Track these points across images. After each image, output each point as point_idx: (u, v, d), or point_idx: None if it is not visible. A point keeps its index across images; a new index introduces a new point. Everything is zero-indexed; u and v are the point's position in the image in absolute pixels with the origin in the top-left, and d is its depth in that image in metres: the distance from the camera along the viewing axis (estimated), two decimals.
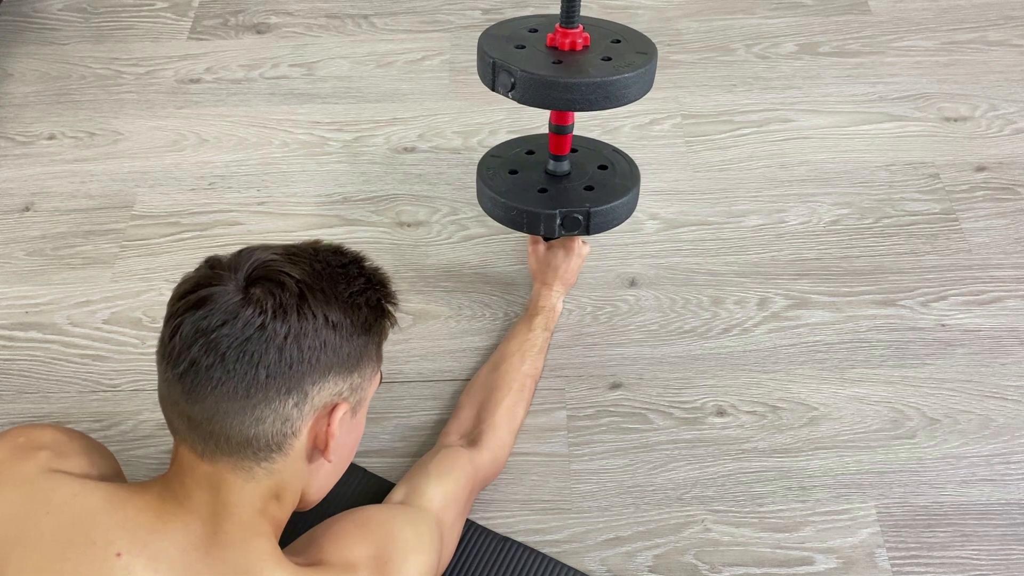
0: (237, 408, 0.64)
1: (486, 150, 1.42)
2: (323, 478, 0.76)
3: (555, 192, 1.05)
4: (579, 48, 0.93)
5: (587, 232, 1.04)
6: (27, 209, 1.34)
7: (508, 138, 1.41)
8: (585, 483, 1.04)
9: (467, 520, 1.00)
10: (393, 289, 0.78)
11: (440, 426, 1.09)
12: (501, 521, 1.01)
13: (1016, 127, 1.39)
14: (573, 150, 1.11)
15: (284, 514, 0.73)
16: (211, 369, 0.63)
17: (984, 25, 1.54)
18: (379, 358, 0.78)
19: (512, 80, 0.89)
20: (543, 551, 0.98)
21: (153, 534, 0.65)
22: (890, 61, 1.50)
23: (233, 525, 0.67)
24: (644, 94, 0.94)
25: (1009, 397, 1.10)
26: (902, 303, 1.19)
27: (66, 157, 1.41)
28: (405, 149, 1.41)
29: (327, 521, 0.78)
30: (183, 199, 1.34)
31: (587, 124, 1.42)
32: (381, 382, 0.80)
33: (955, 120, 1.41)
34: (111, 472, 0.77)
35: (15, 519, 0.65)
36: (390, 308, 0.77)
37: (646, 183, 1.34)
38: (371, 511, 0.81)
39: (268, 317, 0.64)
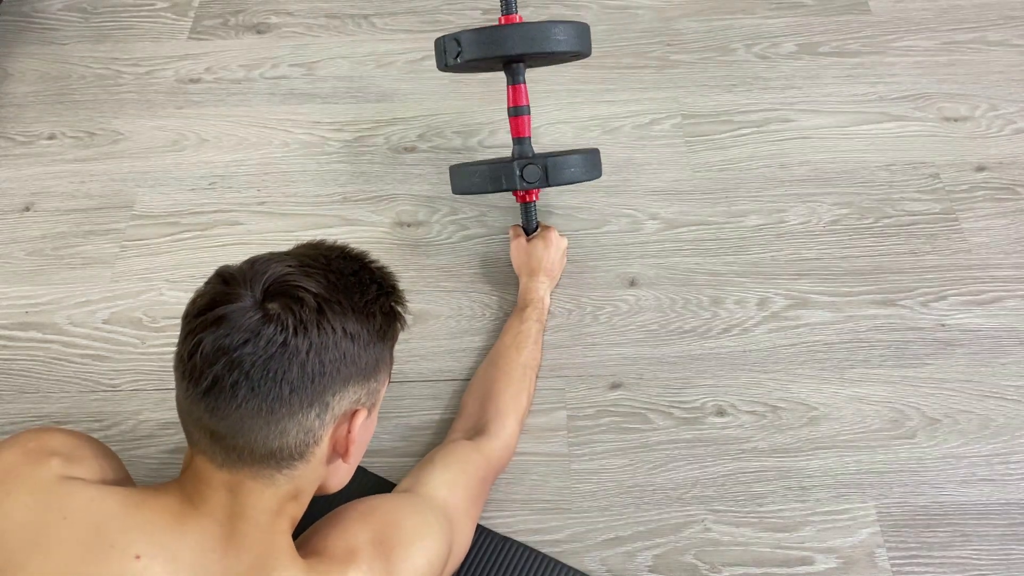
0: (261, 423, 0.65)
1: (486, 150, 1.42)
2: (341, 475, 0.78)
3: (518, 160, 1.09)
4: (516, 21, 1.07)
5: (547, 182, 1.07)
6: (27, 209, 1.34)
7: (507, 138, 1.41)
8: (585, 483, 1.04)
9: None
10: (400, 288, 0.78)
11: (440, 426, 1.09)
12: (501, 521, 1.01)
13: (1016, 127, 1.39)
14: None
15: (300, 510, 0.74)
16: (236, 387, 0.64)
17: (984, 25, 1.54)
18: (392, 360, 0.79)
19: (458, 45, 1.02)
20: (543, 551, 0.98)
21: (170, 536, 0.66)
22: (890, 61, 1.50)
23: (250, 527, 0.68)
24: (578, 47, 1.06)
25: (1009, 397, 1.10)
26: (902, 303, 1.19)
27: (66, 157, 1.41)
28: (405, 149, 1.41)
29: (333, 511, 0.79)
30: (183, 199, 1.34)
31: (586, 123, 1.42)
32: (389, 381, 0.81)
33: (955, 120, 1.41)
34: (120, 475, 0.77)
35: (31, 525, 0.65)
36: (400, 311, 0.77)
37: (646, 183, 1.34)
38: (375, 500, 0.81)
39: (290, 334, 0.64)
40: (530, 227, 1.20)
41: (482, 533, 0.99)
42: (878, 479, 1.04)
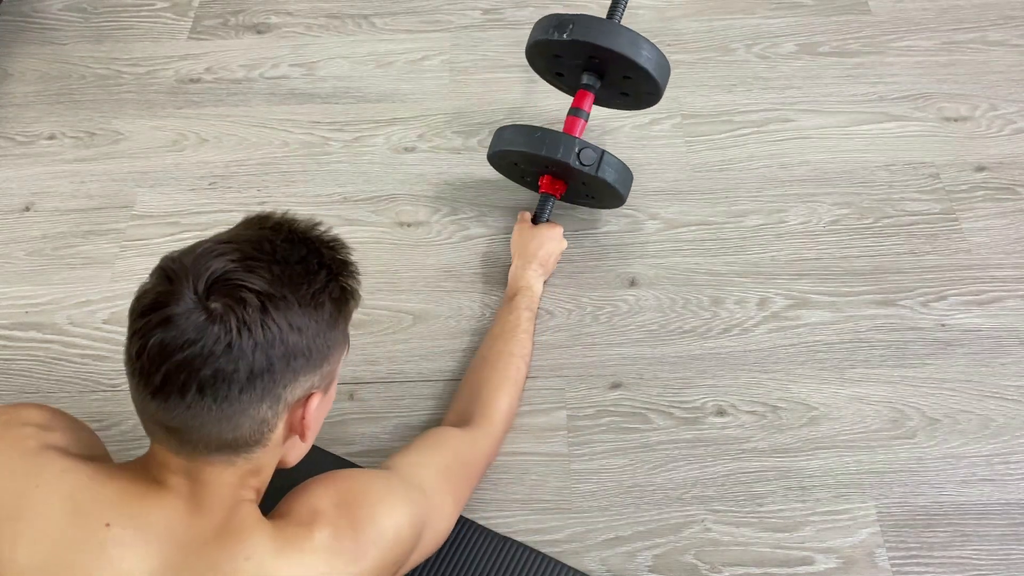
0: (213, 420, 0.65)
1: (486, 150, 1.42)
2: (298, 451, 0.78)
3: (579, 140, 1.14)
4: None
5: (596, 171, 1.11)
6: (27, 209, 1.34)
7: None
8: (585, 483, 1.04)
9: (467, 520, 1.00)
10: (352, 261, 0.75)
11: (438, 422, 1.09)
12: (501, 521, 1.01)
13: (1016, 127, 1.39)
14: None
15: (263, 483, 0.75)
16: (184, 389, 0.64)
17: (984, 25, 1.54)
18: (347, 335, 0.77)
19: (571, 24, 1.09)
20: (543, 551, 0.98)
21: (138, 507, 0.68)
22: (890, 61, 1.50)
23: (214, 498, 0.70)
24: (654, 65, 1.11)
25: (1009, 397, 1.10)
26: (902, 303, 1.19)
27: (66, 157, 1.41)
28: (405, 149, 1.41)
29: (302, 483, 0.79)
30: (183, 199, 1.34)
31: (588, 125, 1.41)
32: (347, 352, 0.80)
33: (955, 120, 1.41)
34: (96, 450, 0.78)
35: (4, 493, 0.67)
36: (353, 287, 0.75)
37: (646, 183, 1.34)
38: (343, 470, 0.82)
39: (234, 335, 0.64)
40: (540, 220, 1.21)
41: (482, 533, 0.99)
42: (878, 479, 1.04)
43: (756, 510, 1.02)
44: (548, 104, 1.45)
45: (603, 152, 1.12)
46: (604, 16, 1.16)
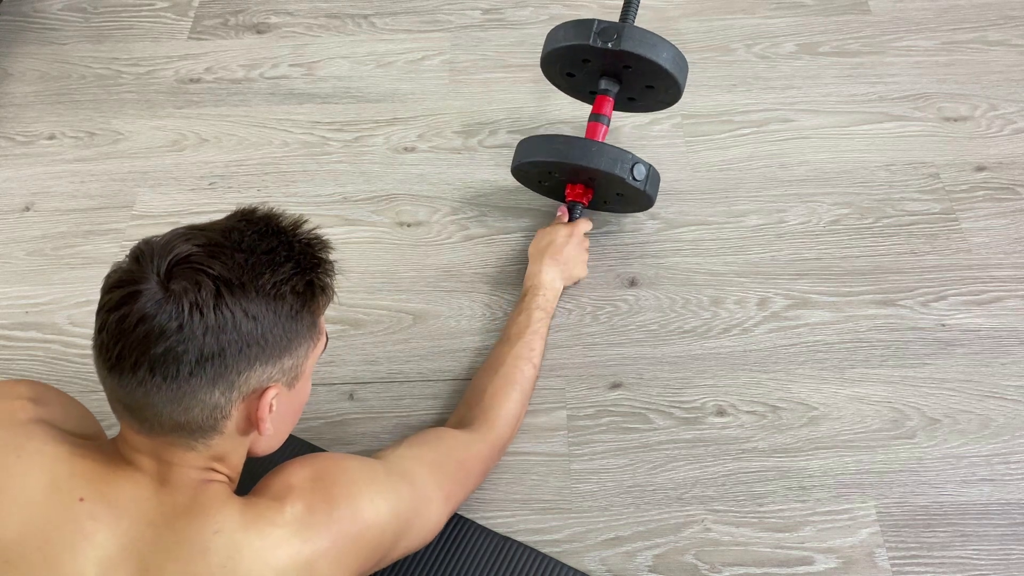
0: (164, 400, 0.67)
1: (486, 150, 1.42)
2: (266, 441, 0.78)
3: (632, 155, 1.14)
4: None
5: (645, 186, 1.12)
6: (27, 209, 1.34)
7: (507, 138, 1.41)
8: (585, 483, 1.05)
9: (467, 520, 1.00)
10: (327, 259, 0.75)
11: (440, 425, 1.09)
12: (501, 521, 1.02)
13: (1016, 127, 1.39)
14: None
15: (233, 470, 0.76)
16: (136, 367, 0.65)
17: (984, 25, 1.54)
18: (317, 331, 0.76)
19: (615, 33, 1.09)
20: (543, 551, 0.98)
21: (109, 484, 0.69)
22: (890, 61, 1.50)
23: (181, 478, 0.71)
24: (683, 80, 1.14)
25: (1009, 397, 1.10)
26: (902, 303, 1.19)
27: (66, 157, 1.41)
28: (405, 149, 1.41)
29: (282, 463, 0.80)
30: (183, 199, 1.34)
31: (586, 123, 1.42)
32: (327, 346, 0.80)
33: (955, 120, 1.41)
34: (88, 426, 0.79)
35: None
36: (324, 282, 0.74)
37: None
38: (323, 453, 0.83)
39: (185, 317, 0.65)
40: None
41: (482, 533, 0.99)
42: (878, 479, 1.04)
43: (756, 510, 1.02)
44: (548, 104, 1.45)
45: (650, 166, 1.13)
46: (618, 17, 1.18)
